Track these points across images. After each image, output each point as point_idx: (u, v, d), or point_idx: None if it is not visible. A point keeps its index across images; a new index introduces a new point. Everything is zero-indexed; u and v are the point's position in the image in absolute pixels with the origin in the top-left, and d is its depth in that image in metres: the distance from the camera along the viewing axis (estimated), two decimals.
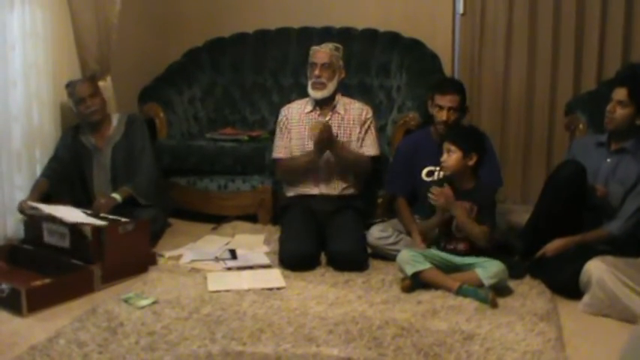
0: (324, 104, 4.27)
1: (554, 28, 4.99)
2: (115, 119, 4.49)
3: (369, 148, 4.27)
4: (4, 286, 3.27)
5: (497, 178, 4.01)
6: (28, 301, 3.20)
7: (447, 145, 3.54)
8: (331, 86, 4.22)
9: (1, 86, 4.08)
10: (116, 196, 4.17)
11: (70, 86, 4.36)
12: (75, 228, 3.67)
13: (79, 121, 4.44)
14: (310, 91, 4.25)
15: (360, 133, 4.25)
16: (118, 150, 4.40)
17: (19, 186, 4.24)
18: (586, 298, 3.28)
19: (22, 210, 4.00)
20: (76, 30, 4.52)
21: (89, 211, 3.96)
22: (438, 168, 3.87)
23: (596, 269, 3.25)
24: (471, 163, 3.54)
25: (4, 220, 4.15)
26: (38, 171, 4.33)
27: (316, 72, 4.20)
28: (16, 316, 3.20)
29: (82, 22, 4.52)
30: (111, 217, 3.90)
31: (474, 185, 3.58)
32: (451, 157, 3.52)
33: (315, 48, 4.29)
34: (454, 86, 4.04)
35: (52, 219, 3.78)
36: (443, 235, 3.59)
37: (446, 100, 3.93)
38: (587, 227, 3.59)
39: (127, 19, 4.90)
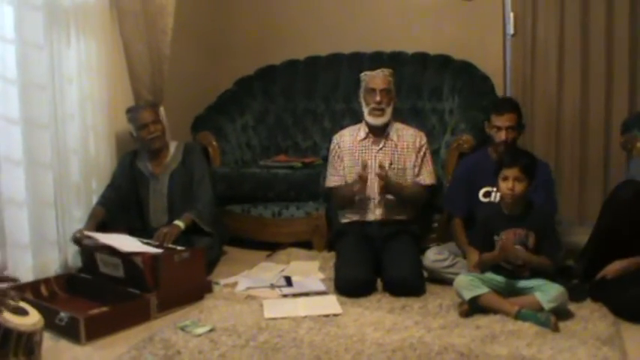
0: (378, 131, 4.25)
1: (606, 45, 4.89)
2: (172, 147, 4.52)
3: (426, 176, 4.25)
4: (63, 314, 3.30)
5: (553, 206, 3.94)
6: (87, 330, 3.22)
7: (514, 173, 3.44)
8: (389, 112, 4.20)
9: (59, 119, 4.16)
10: (179, 223, 4.18)
11: (132, 112, 4.42)
12: (127, 258, 3.71)
13: (136, 148, 4.50)
14: (368, 117, 4.23)
15: (415, 160, 4.24)
16: (175, 177, 4.43)
17: (78, 218, 4.29)
18: None
19: (76, 240, 4.04)
20: (129, 61, 4.60)
21: (145, 240, 3.99)
22: (495, 189, 3.82)
23: None
24: (530, 188, 3.50)
25: (65, 250, 4.21)
26: (95, 202, 4.37)
27: (377, 98, 4.16)
28: (75, 345, 3.22)
29: (135, 53, 4.60)
30: (166, 245, 3.94)
31: (524, 209, 3.52)
32: (521, 185, 3.46)
33: (370, 74, 4.26)
34: (510, 105, 4.00)
35: (106, 249, 3.82)
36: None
37: (503, 120, 3.90)
38: None
39: (178, 49, 4.97)
